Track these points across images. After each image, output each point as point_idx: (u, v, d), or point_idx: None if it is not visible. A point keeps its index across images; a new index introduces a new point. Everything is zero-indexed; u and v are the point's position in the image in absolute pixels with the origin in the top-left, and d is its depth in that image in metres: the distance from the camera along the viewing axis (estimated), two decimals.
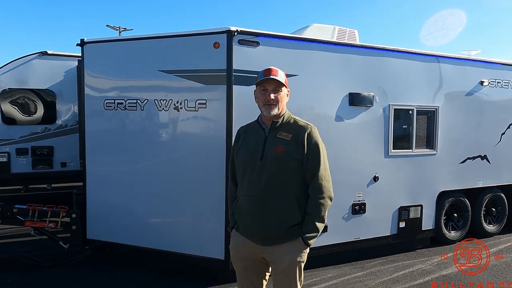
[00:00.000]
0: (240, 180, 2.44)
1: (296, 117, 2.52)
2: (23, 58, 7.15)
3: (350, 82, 4.65)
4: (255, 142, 2.41)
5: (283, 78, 2.45)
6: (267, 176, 2.30)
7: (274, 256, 2.34)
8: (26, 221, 4.44)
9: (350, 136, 4.68)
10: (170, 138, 4.35)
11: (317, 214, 2.31)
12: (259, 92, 2.46)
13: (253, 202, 2.34)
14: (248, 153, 2.40)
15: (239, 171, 2.45)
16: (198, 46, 4.13)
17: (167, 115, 4.28)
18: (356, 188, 4.77)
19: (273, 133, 2.39)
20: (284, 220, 2.30)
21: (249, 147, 2.42)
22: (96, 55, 4.63)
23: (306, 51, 4.37)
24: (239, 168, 2.44)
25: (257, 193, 2.33)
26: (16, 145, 7.16)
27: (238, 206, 2.41)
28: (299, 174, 2.34)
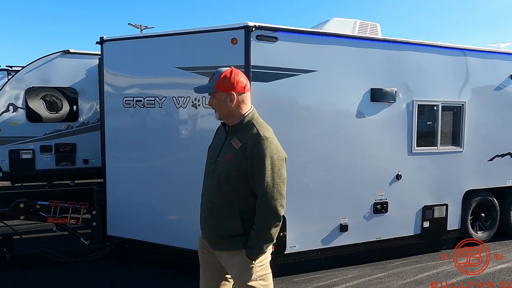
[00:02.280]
0: (203, 179, 2.43)
1: (259, 122, 2.31)
2: (46, 57, 7.29)
3: (372, 77, 4.51)
4: (217, 144, 2.38)
5: (215, 83, 2.27)
6: (216, 182, 2.26)
7: (222, 261, 2.33)
8: (48, 217, 4.51)
9: (371, 133, 4.55)
10: (189, 135, 4.32)
11: (261, 232, 2.16)
12: None
13: (205, 205, 2.36)
14: (210, 154, 2.40)
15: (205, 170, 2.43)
16: (216, 43, 4.08)
17: (186, 112, 4.25)
18: (378, 186, 4.64)
19: (230, 138, 2.29)
20: (224, 229, 2.25)
21: (211, 147, 2.43)
22: (115, 53, 4.64)
23: (326, 46, 4.26)
24: (205, 166, 2.43)
25: (208, 197, 2.32)
26: (40, 142, 7.33)
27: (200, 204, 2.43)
28: (246, 185, 2.20)
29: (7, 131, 7.19)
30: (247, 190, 2.20)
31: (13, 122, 7.23)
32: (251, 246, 2.19)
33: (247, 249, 2.19)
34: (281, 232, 4.17)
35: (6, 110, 7.18)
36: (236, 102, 2.27)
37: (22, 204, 4.44)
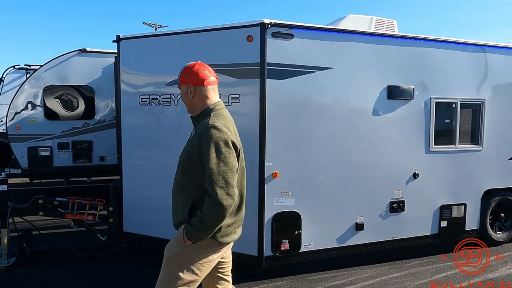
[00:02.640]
0: None
1: (217, 113, 2.34)
2: (64, 56, 7.40)
3: (389, 74, 4.45)
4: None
5: (179, 76, 2.42)
6: (177, 172, 2.41)
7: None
8: (66, 213, 4.59)
9: (388, 131, 4.49)
10: None
11: (202, 216, 2.16)
12: None
13: (172, 193, 2.47)
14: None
15: None
16: (231, 40, 4.07)
17: None
18: (394, 185, 4.58)
19: (193, 130, 2.41)
20: (177, 217, 2.37)
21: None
22: (131, 51, 4.68)
23: (342, 43, 4.22)
24: None
25: (173, 187, 2.46)
26: (57, 140, 7.46)
27: None
28: (199, 175, 2.23)
29: (26, 128, 7.33)
30: (200, 180, 2.23)
31: (31, 120, 7.36)
32: (190, 223, 2.21)
33: (186, 224, 2.23)
34: (296, 230, 4.17)
35: (25, 108, 7.32)
36: (196, 94, 2.36)
37: (41, 200, 4.52)
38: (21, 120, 7.33)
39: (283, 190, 4.10)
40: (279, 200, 4.10)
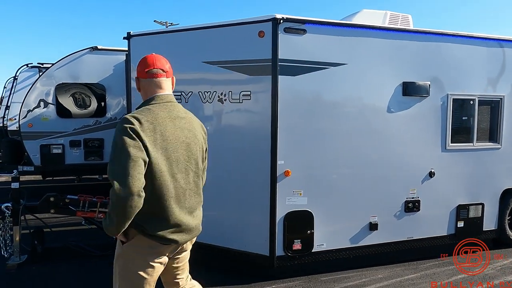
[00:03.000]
0: None
1: (144, 108, 2.19)
2: (75, 54, 7.42)
3: (404, 70, 4.33)
4: None
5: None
6: None
7: None
8: (77, 211, 4.54)
9: (403, 128, 4.38)
10: (214, 130, 4.27)
11: (108, 209, 2.07)
12: None
13: None
14: None
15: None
16: (242, 36, 4.00)
17: (212, 107, 4.21)
18: (409, 184, 4.47)
19: None
20: None
21: None
22: (142, 48, 4.62)
23: (356, 38, 4.11)
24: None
25: None
26: (69, 138, 7.49)
27: None
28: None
29: (39, 126, 7.38)
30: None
31: (44, 118, 7.41)
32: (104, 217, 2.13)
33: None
34: (309, 230, 4.09)
35: (37, 106, 7.37)
36: (139, 86, 2.32)
37: (52, 198, 4.51)
38: (33, 118, 7.37)
39: (295, 188, 4.03)
40: (291, 199, 4.02)
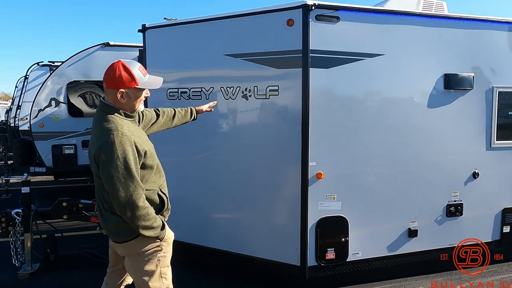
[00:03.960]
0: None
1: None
2: (86, 50, 7.16)
3: (446, 61, 3.93)
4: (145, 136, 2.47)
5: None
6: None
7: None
8: (91, 216, 4.28)
9: (445, 125, 3.98)
10: (239, 129, 3.93)
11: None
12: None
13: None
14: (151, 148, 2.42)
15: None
16: (269, 25, 3.64)
17: (235, 104, 3.86)
18: (451, 186, 4.07)
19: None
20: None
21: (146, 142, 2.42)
22: (158, 41, 4.31)
23: (394, 26, 3.72)
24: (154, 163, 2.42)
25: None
26: (82, 137, 7.25)
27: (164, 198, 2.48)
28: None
29: (50, 126, 7.15)
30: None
31: (55, 117, 7.17)
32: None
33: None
34: (343, 237, 3.74)
35: (49, 105, 7.13)
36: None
37: (65, 203, 4.23)
38: (44, 117, 7.15)
39: (328, 192, 3.67)
40: (323, 204, 3.67)
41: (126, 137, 2.15)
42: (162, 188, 2.45)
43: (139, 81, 2.27)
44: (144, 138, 2.36)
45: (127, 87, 2.24)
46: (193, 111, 3.13)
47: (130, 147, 2.15)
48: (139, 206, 2.17)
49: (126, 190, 2.14)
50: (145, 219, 2.22)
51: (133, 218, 2.18)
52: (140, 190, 2.18)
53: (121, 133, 2.14)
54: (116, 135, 2.12)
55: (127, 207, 2.15)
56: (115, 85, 2.24)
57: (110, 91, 2.27)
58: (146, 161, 2.28)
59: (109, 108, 2.26)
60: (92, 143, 2.23)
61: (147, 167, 2.30)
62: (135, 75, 2.26)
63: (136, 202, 2.16)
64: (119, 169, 2.11)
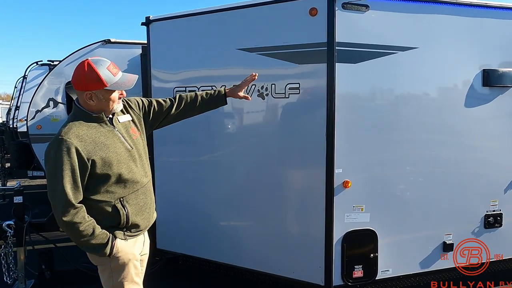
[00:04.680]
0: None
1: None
2: (87, 48, 6.77)
3: (485, 55, 3.52)
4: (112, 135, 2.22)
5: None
6: (141, 164, 2.35)
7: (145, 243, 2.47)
8: None
9: (483, 127, 3.57)
10: (254, 132, 3.54)
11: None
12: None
13: (141, 193, 2.31)
14: (117, 150, 2.19)
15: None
16: (289, 15, 3.25)
17: (250, 104, 3.45)
18: (490, 194, 3.65)
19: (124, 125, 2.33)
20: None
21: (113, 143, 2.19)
22: (164, 35, 3.93)
23: (429, 16, 3.31)
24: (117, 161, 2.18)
25: (141, 181, 2.31)
26: None
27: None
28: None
29: (48, 128, 6.78)
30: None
31: (53, 119, 6.80)
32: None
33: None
34: (372, 253, 3.34)
35: (47, 105, 6.76)
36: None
37: None
38: (42, 118, 6.77)
39: (356, 203, 3.27)
40: (350, 216, 3.27)
41: (65, 144, 1.97)
42: (125, 200, 2.16)
43: (108, 82, 2.05)
44: (107, 143, 2.11)
45: (94, 89, 2.06)
46: (220, 93, 2.60)
47: (66, 154, 1.96)
48: (65, 221, 1.98)
49: (55, 202, 2.00)
50: (76, 235, 2.03)
51: (67, 232, 2.05)
52: (67, 205, 1.97)
53: (61, 139, 1.98)
54: (57, 140, 1.99)
55: (57, 219, 2.02)
56: (81, 86, 2.07)
57: (78, 93, 2.12)
58: (96, 171, 2.05)
59: (76, 109, 2.13)
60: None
61: (98, 176, 2.07)
62: (102, 76, 2.04)
63: (61, 217, 1.98)
64: (50, 177, 2.00)
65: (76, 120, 2.07)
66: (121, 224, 2.15)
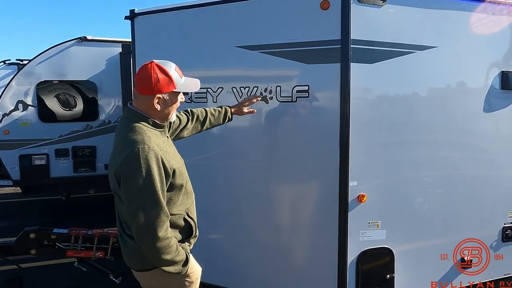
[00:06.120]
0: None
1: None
2: (60, 46, 6.23)
3: (503, 56, 3.27)
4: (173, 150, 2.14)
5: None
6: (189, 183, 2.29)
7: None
8: (68, 250, 3.43)
9: (501, 132, 3.33)
10: (256, 141, 3.15)
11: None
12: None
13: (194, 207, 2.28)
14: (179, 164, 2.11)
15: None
16: (297, 9, 2.89)
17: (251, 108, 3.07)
18: (507, 205, 3.41)
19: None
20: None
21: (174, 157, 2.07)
22: (151, 30, 3.50)
23: (449, 13, 3.01)
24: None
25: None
26: (55, 146, 6.30)
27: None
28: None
29: (17, 133, 6.18)
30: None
31: (23, 123, 6.20)
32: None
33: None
34: (388, 274, 3.02)
35: (15, 108, 6.15)
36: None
37: (33, 234, 3.36)
38: (10, 123, 6.16)
39: (371, 219, 2.94)
40: (365, 234, 2.94)
41: (153, 153, 1.85)
42: (189, 211, 2.15)
43: (177, 84, 1.98)
44: (172, 153, 2.04)
45: (164, 92, 1.94)
46: (227, 112, 2.72)
47: (156, 164, 1.85)
48: (160, 237, 1.88)
49: (147, 216, 1.86)
50: (165, 252, 1.92)
51: (151, 249, 1.90)
52: (163, 217, 1.89)
53: (148, 148, 1.85)
54: (142, 149, 1.83)
55: (145, 236, 1.88)
56: (151, 90, 1.93)
57: (143, 98, 1.97)
58: (174, 181, 1.98)
59: (138, 116, 1.97)
60: (113, 155, 1.96)
61: (175, 187, 2.00)
62: (173, 76, 1.96)
63: (156, 232, 1.86)
64: (141, 190, 1.83)
65: (145, 127, 1.94)
66: (192, 236, 2.16)
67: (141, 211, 1.85)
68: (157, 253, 1.90)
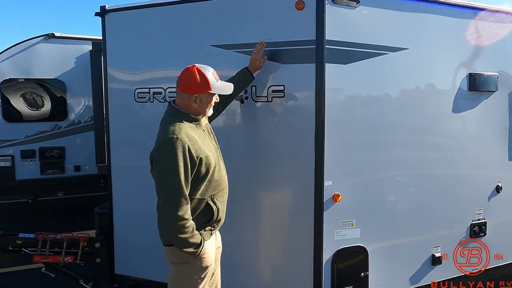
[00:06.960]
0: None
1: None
2: (26, 42, 6.02)
3: (470, 58, 3.39)
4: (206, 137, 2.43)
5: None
6: (224, 168, 2.57)
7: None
8: (34, 255, 3.30)
9: (468, 132, 3.45)
10: (231, 141, 3.11)
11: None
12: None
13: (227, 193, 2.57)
14: (210, 149, 2.39)
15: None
16: (272, 8, 2.90)
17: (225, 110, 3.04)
18: (475, 202, 3.53)
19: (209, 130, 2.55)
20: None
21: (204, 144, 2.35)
22: (123, 27, 3.42)
23: (421, 16, 3.09)
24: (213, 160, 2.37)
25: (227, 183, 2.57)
26: (21, 147, 6.07)
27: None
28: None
29: None
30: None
31: None
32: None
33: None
34: (362, 272, 3.06)
35: None
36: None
37: None
38: None
39: (346, 218, 2.98)
40: (340, 232, 2.97)
41: (181, 142, 2.14)
42: (215, 197, 2.38)
43: (213, 86, 2.29)
44: (204, 144, 2.31)
45: (201, 92, 2.26)
46: (247, 74, 2.81)
47: (181, 152, 2.14)
48: (177, 216, 2.14)
49: (167, 197, 2.17)
50: (181, 232, 2.17)
51: (168, 226, 2.20)
52: (182, 200, 2.16)
53: (177, 137, 2.15)
54: (171, 138, 2.14)
55: (164, 214, 2.18)
56: (190, 89, 2.27)
57: (183, 95, 2.30)
58: (200, 168, 2.24)
59: (175, 111, 2.31)
60: (155, 142, 2.28)
61: (200, 175, 2.26)
62: (210, 80, 2.27)
63: (174, 212, 2.14)
64: (165, 173, 2.16)
65: (180, 121, 2.24)
66: (212, 220, 2.36)
67: (165, 190, 2.16)
68: (173, 230, 2.16)
